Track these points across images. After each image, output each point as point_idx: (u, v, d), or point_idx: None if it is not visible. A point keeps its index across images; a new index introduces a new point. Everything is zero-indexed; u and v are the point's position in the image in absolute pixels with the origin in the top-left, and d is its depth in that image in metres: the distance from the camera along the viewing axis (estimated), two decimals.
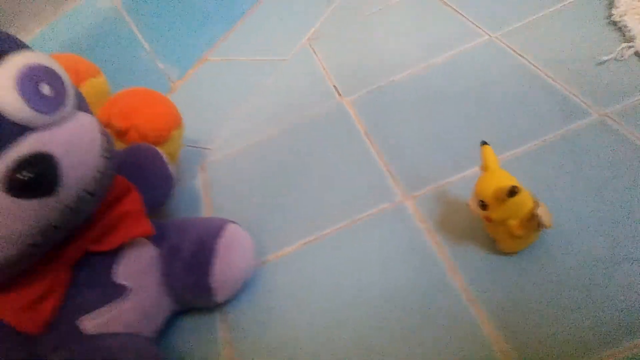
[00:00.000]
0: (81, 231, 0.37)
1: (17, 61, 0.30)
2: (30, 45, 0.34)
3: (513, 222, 0.35)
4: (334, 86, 0.64)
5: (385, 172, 0.49)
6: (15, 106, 0.30)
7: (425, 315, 0.37)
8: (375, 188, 0.48)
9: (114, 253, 0.39)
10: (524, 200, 0.34)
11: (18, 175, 0.29)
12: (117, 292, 0.38)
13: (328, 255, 0.44)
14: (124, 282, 0.39)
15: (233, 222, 0.44)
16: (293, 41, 0.78)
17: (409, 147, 0.50)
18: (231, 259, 0.41)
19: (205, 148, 0.63)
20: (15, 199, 0.29)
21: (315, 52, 0.73)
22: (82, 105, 0.36)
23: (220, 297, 0.42)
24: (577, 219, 0.38)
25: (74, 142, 0.32)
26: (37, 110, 0.30)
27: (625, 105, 0.45)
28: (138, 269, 0.40)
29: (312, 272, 0.43)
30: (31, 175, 0.29)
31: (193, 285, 0.41)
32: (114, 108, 0.49)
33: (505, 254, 0.38)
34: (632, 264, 0.34)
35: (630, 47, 0.49)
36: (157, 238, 0.42)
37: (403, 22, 0.71)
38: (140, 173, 0.43)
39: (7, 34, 0.33)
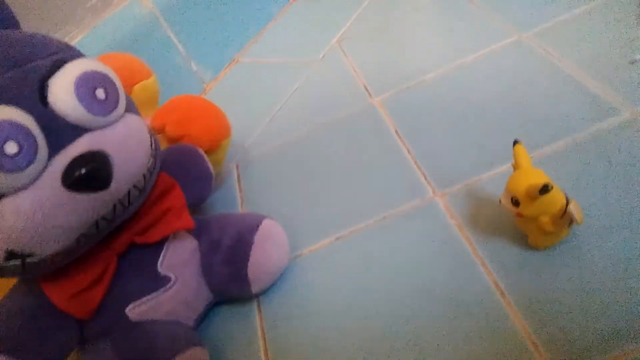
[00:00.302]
0: (128, 224, 0.39)
1: (76, 68, 0.33)
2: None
3: (545, 219, 0.36)
4: (365, 86, 0.65)
5: (416, 169, 0.50)
6: (73, 109, 0.32)
7: (456, 309, 0.38)
8: (407, 185, 0.49)
9: (158, 245, 0.41)
10: (556, 197, 0.35)
11: (75, 171, 0.31)
12: (160, 281, 0.41)
13: (360, 250, 0.45)
14: (167, 273, 0.41)
15: (269, 217, 0.46)
16: (323, 42, 0.80)
17: (440, 146, 0.51)
18: (267, 252, 0.43)
19: (239, 146, 0.65)
20: (72, 193, 0.31)
21: (345, 53, 0.75)
22: (131, 107, 0.38)
23: (255, 288, 0.44)
24: (608, 216, 0.39)
25: (125, 142, 0.35)
26: (93, 113, 0.33)
27: None
28: (180, 260, 0.42)
29: (345, 266, 0.45)
30: (86, 170, 0.31)
31: (230, 276, 0.43)
32: (170, 116, 0.51)
33: (536, 249, 0.39)
34: None
35: None
36: (198, 232, 0.44)
37: (432, 23, 0.72)
38: (182, 171, 0.45)
39: (67, 43, 0.36)
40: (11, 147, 0.29)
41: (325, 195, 0.52)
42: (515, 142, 0.38)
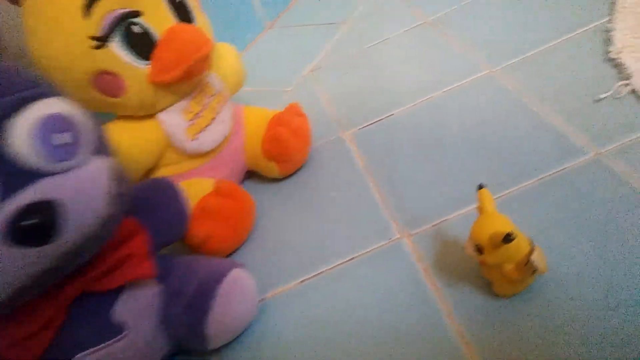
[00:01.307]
0: (81, 271, 0.37)
1: (40, 109, 0.31)
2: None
3: (509, 267, 0.35)
4: (335, 119, 0.65)
5: (383, 209, 0.49)
6: (30, 154, 0.30)
7: (420, 357, 0.37)
8: (374, 225, 0.48)
9: (115, 290, 0.39)
10: (520, 245, 0.34)
11: (18, 224, 0.29)
12: (113, 331, 0.38)
13: (326, 294, 0.44)
14: (121, 321, 0.39)
15: (239, 265, 0.44)
16: (295, 72, 0.79)
17: (407, 184, 0.51)
18: (230, 307, 0.41)
19: None
20: (14, 247, 0.29)
21: (317, 84, 0.74)
22: (102, 148, 0.37)
23: (214, 344, 0.41)
24: (573, 262, 0.38)
25: (80, 190, 0.33)
26: (51, 159, 0.31)
27: (621, 144, 0.45)
28: (138, 307, 0.40)
29: (310, 310, 0.43)
30: (31, 224, 0.29)
31: (189, 330, 0.41)
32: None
33: (501, 296, 0.38)
34: (627, 309, 0.34)
35: (626, 85, 0.50)
36: (163, 275, 0.42)
37: (405, 55, 0.72)
38: (154, 209, 0.44)
39: (39, 80, 0.34)
40: None
41: (291, 233, 0.51)
42: (479, 187, 0.37)
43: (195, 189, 0.50)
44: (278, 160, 0.55)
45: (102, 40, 0.43)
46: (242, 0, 0.91)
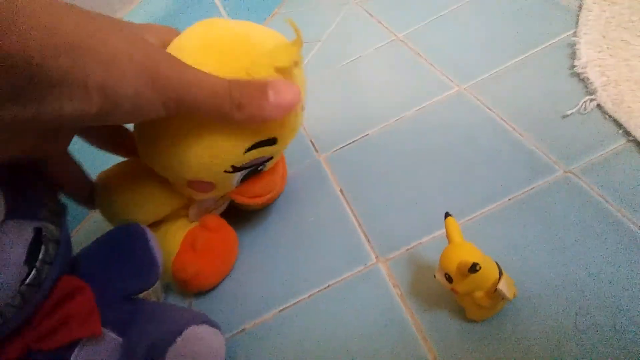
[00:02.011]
0: (24, 330, 0.36)
1: None
2: None
3: (479, 294, 0.35)
4: (311, 141, 0.65)
5: (360, 233, 0.50)
6: None
7: None
8: (351, 250, 0.49)
9: (68, 347, 0.38)
10: (488, 273, 0.35)
11: None
12: None
13: (305, 322, 0.44)
14: None
15: (203, 320, 0.41)
16: None
17: (382, 207, 0.51)
18: None
19: None
20: None
21: None
22: (23, 210, 0.35)
23: None
24: (543, 283, 0.39)
25: None
26: None
27: (588, 161, 0.46)
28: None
29: (289, 339, 0.44)
30: None
31: None
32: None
33: (474, 321, 0.39)
34: (596, 330, 0.35)
35: (592, 100, 0.51)
36: (124, 326, 0.41)
37: (377, 73, 0.73)
38: (124, 257, 0.43)
39: None
40: None
41: (270, 262, 0.51)
42: (446, 215, 0.38)
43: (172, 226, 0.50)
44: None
45: (237, 170, 0.44)
46: None
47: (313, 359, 0.42)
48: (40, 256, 0.35)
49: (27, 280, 0.34)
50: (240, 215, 0.58)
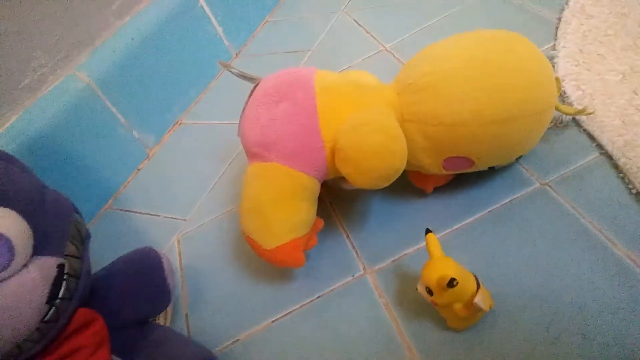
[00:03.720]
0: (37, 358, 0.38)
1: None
2: None
3: (458, 306, 0.38)
4: None
5: (348, 245, 0.52)
6: None
7: None
8: (340, 262, 0.51)
9: None
10: (466, 286, 0.37)
11: None
12: None
13: (296, 332, 0.47)
14: None
15: (208, 358, 0.44)
16: None
17: (369, 219, 0.54)
18: None
19: (181, 219, 0.66)
20: None
21: None
22: (47, 245, 0.36)
23: None
24: (520, 292, 0.41)
25: (10, 303, 0.33)
26: None
27: (564, 173, 0.49)
28: None
29: (281, 349, 0.46)
30: None
31: None
32: None
33: (455, 331, 0.41)
34: (567, 336, 0.38)
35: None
36: (129, 351, 0.43)
37: None
38: (136, 283, 0.46)
39: (18, 184, 0.35)
40: None
41: (262, 273, 0.54)
42: (426, 232, 0.40)
43: None
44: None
45: None
46: (206, 31, 0.93)
47: None
48: (61, 294, 0.37)
49: (46, 318, 0.36)
50: (237, 228, 0.60)
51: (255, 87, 0.51)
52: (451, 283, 0.35)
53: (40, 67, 0.68)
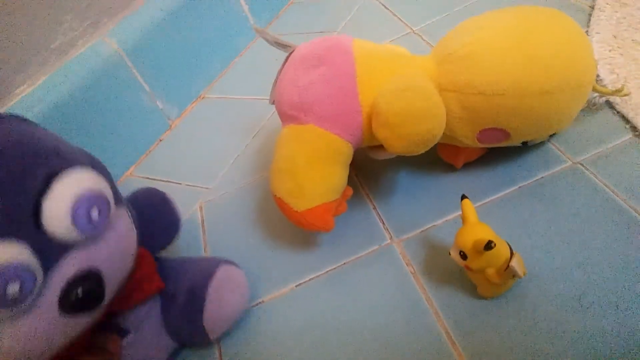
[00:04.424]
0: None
1: (70, 187, 0.31)
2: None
3: (491, 271, 0.38)
4: None
5: (375, 215, 0.52)
6: (68, 232, 0.31)
7: (409, 356, 0.40)
8: (365, 231, 0.51)
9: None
10: (500, 251, 0.37)
11: (71, 296, 0.31)
12: (119, 333, 0.41)
13: (320, 297, 0.47)
14: (126, 327, 0.42)
15: (227, 261, 0.47)
16: None
17: (398, 192, 0.54)
18: (223, 300, 0.44)
19: (203, 187, 0.66)
20: (69, 316, 0.31)
21: None
22: (118, 198, 0.38)
23: (213, 335, 0.44)
24: (551, 265, 0.41)
25: (114, 254, 0.35)
26: (86, 234, 0.32)
27: (597, 153, 0.49)
28: (138, 315, 0.43)
29: (305, 313, 0.46)
30: (82, 294, 0.31)
31: (188, 328, 0.44)
32: None
33: (485, 298, 0.41)
34: (599, 308, 0.37)
35: (601, 96, 0.53)
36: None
37: None
38: (150, 219, 0.47)
39: (72, 147, 0.35)
40: (13, 288, 0.27)
41: (287, 239, 0.54)
42: (462, 197, 0.40)
43: None
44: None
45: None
46: (232, 8, 0.93)
47: (327, 330, 0.44)
48: (137, 238, 0.40)
49: (133, 264, 0.39)
50: (258, 193, 0.60)
51: (289, 54, 0.51)
52: (489, 245, 0.35)
53: (70, 30, 0.68)
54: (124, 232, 0.36)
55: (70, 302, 0.31)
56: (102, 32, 0.73)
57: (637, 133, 0.49)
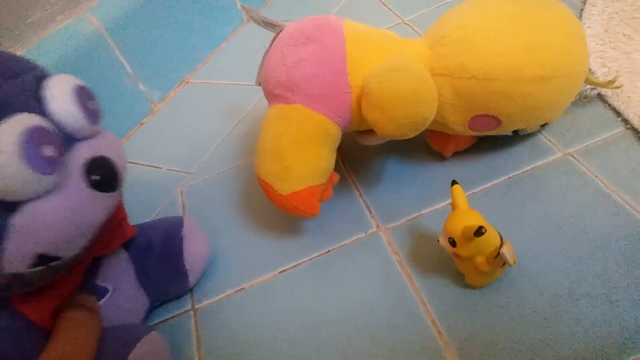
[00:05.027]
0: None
1: (65, 81, 0.34)
2: None
3: (480, 259, 0.37)
4: None
5: (361, 202, 0.51)
6: (76, 119, 0.33)
7: (394, 346, 0.38)
8: (352, 218, 0.50)
9: (94, 262, 0.41)
10: (490, 239, 0.36)
11: (96, 172, 0.33)
12: (99, 292, 0.41)
13: (304, 284, 0.45)
14: (103, 284, 0.41)
15: (185, 217, 0.49)
16: None
17: (384, 180, 0.52)
18: (196, 243, 0.47)
19: (185, 172, 0.64)
20: (94, 191, 0.33)
21: None
22: None
23: (192, 279, 0.47)
24: (540, 256, 0.40)
25: (115, 148, 0.36)
26: (91, 122, 0.34)
27: (588, 145, 0.48)
28: (115, 271, 0.43)
29: (287, 301, 0.44)
30: (105, 171, 0.34)
31: (169, 272, 0.46)
32: None
33: (473, 287, 0.40)
34: (589, 299, 0.37)
35: (593, 89, 0.52)
36: (126, 242, 0.45)
37: None
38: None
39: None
40: (48, 151, 0.29)
41: (270, 225, 0.52)
42: (453, 182, 0.39)
43: None
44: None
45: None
46: None
47: (311, 319, 0.42)
48: None
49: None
50: (245, 183, 0.58)
51: (277, 34, 0.49)
52: (479, 231, 0.34)
53: (49, 4, 0.65)
54: (114, 137, 0.38)
55: (96, 178, 0.33)
56: (83, 8, 0.70)
57: (628, 126, 0.48)
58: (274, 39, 0.49)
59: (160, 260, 0.45)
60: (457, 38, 0.43)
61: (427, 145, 0.52)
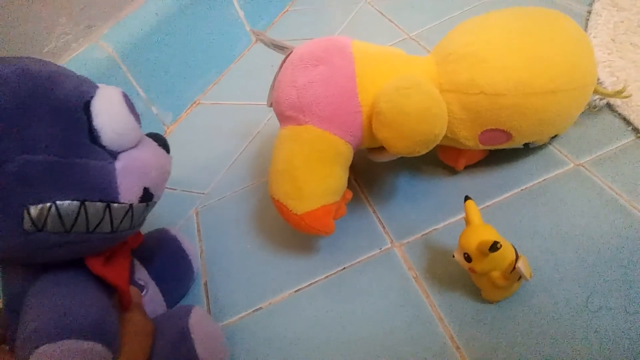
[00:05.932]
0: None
1: (109, 92, 0.37)
2: None
3: (496, 274, 0.37)
4: None
5: (374, 219, 0.51)
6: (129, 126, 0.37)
7: None
8: (366, 235, 0.50)
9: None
10: (505, 253, 0.36)
11: (160, 137, 0.42)
12: (140, 288, 0.45)
13: (320, 302, 0.46)
14: (140, 282, 0.46)
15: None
16: None
17: (398, 195, 0.53)
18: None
19: (199, 193, 0.65)
20: (162, 149, 0.42)
21: None
22: None
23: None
24: (556, 268, 0.41)
25: (158, 156, 0.41)
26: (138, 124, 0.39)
27: (599, 155, 0.48)
28: (144, 273, 0.47)
29: (304, 320, 0.45)
30: (162, 140, 0.42)
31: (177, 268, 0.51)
32: None
33: (490, 302, 0.40)
34: (607, 311, 0.37)
35: (602, 99, 0.53)
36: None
37: None
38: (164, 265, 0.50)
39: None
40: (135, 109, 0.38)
41: (285, 244, 0.53)
42: (466, 198, 0.39)
43: None
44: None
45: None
46: (228, 14, 0.92)
47: (327, 337, 0.43)
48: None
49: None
50: (258, 195, 0.59)
51: (287, 56, 0.50)
52: (494, 247, 0.34)
53: (64, 34, 0.67)
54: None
55: (161, 140, 0.42)
56: (96, 36, 0.72)
57: (639, 135, 0.48)
58: (283, 61, 0.50)
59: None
60: (465, 54, 0.44)
61: (439, 160, 0.53)
